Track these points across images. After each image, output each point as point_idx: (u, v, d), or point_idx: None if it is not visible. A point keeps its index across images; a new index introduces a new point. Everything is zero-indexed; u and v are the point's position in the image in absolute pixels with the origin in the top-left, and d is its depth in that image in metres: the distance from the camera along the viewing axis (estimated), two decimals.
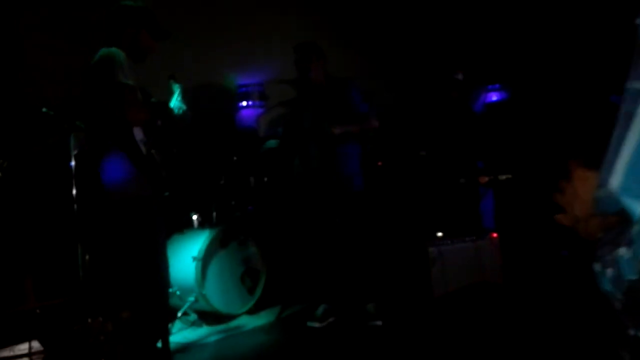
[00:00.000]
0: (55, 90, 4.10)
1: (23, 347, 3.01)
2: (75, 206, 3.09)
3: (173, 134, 3.32)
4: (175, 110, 3.08)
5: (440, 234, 4.23)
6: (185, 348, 3.50)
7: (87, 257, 2.93)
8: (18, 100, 3.95)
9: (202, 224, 4.34)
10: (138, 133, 2.83)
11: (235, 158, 4.61)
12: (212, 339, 3.69)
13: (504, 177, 4.84)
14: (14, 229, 3.57)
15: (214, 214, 4.38)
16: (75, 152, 3.24)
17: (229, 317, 4.02)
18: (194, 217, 4.38)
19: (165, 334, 2.99)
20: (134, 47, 2.96)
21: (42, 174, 3.78)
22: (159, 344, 2.92)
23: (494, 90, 5.90)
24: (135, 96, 2.80)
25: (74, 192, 3.14)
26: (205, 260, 3.96)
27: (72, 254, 2.88)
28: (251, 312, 4.14)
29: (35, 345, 3.00)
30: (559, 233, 4.45)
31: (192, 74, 5.18)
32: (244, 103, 5.55)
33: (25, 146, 3.80)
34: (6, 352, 2.99)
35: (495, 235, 4.30)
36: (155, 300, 2.94)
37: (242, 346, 3.52)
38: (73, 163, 3.27)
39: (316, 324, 3.61)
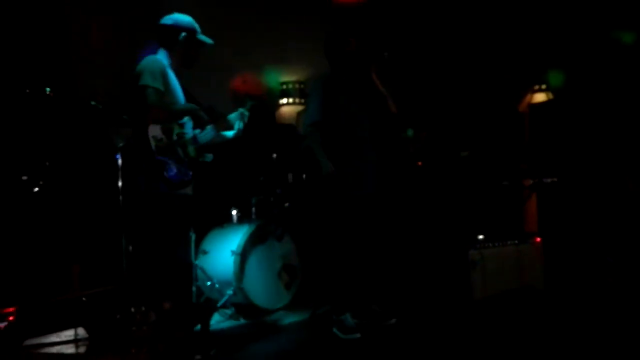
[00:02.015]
0: (103, 82, 4.21)
1: (69, 334, 3.10)
2: (121, 198, 3.18)
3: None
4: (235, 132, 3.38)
5: (481, 236, 4.16)
6: (222, 339, 3.53)
7: (130, 247, 3.01)
8: (67, 92, 4.06)
9: (242, 219, 4.38)
10: (155, 130, 2.95)
11: (274, 155, 4.64)
12: (249, 332, 3.71)
13: (549, 180, 4.72)
14: (62, 219, 3.68)
15: (253, 209, 4.42)
16: (121, 145, 3.33)
17: (266, 312, 4.05)
18: (234, 212, 4.43)
19: (204, 325, 3.04)
20: (185, 55, 3.23)
21: (89, 165, 3.88)
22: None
23: (540, 90, 5.77)
24: (157, 98, 3.00)
25: (120, 184, 3.24)
26: (244, 255, 3.99)
27: (117, 245, 2.96)
28: (287, 307, 4.16)
29: (81, 332, 3.08)
30: (605, 239, 4.33)
31: (235, 72, 5.25)
32: (284, 100, 5.58)
33: (75, 138, 3.91)
34: (53, 338, 3.08)
35: (538, 239, 4.21)
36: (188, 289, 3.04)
37: (276, 342, 3.54)
38: (119, 156, 3.36)
39: (342, 335, 3.50)
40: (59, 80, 3.90)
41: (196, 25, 3.27)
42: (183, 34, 3.18)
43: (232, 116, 3.40)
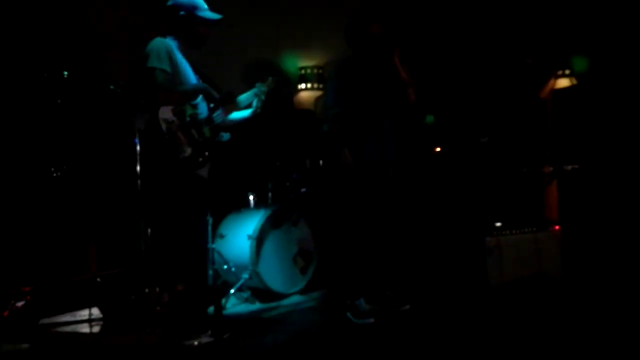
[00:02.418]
0: (121, 66, 4.24)
1: (83, 313, 3.16)
2: (139, 182, 3.20)
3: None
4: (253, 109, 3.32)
5: (499, 223, 4.11)
6: (237, 322, 3.57)
7: (149, 230, 3.04)
8: (85, 75, 4.11)
9: (258, 204, 4.41)
10: (166, 113, 2.92)
11: (292, 140, 4.64)
12: (264, 316, 3.74)
13: (570, 167, 4.63)
14: (80, 201, 3.74)
15: (270, 194, 4.43)
16: (140, 129, 3.35)
17: (281, 296, 4.07)
18: (251, 197, 4.45)
19: (217, 306, 3.07)
20: (189, 35, 3.14)
21: (108, 148, 3.93)
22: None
23: (564, 75, 5.63)
24: (164, 79, 2.97)
25: (138, 168, 3.26)
26: (259, 239, 4.02)
27: (134, 227, 2.99)
28: (302, 292, 4.18)
29: (95, 312, 3.14)
30: (627, 229, 4.24)
31: (253, 57, 5.25)
32: (303, 85, 5.56)
33: (94, 121, 3.96)
34: (67, 317, 3.15)
35: (557, 227, 4.14)
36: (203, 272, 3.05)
37: (291, 326, 3.56)
38: (137, 140, 3.38)
39: (355, 319, 3.50)
40: (77, 64, 3.94)
41: (198, 3, 3.16)
42: (181, 12, 3.12)
43: (248, 94, 3.34)
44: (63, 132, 3.75)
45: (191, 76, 3.18)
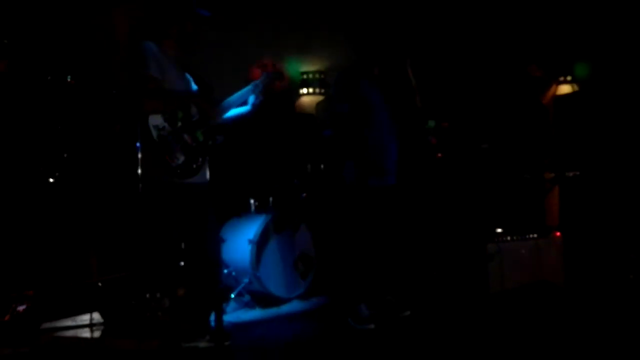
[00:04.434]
0: (125, 72, 4.25)
1: (85, 318, 3.15)
2: (140, 186, 3.19)
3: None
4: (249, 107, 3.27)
5: (500, 230, 4.11)
6: (237, 327, 3.56)
7: (149, 237, 3.02)
8: (88, 81, 4.11)
9: (259, 209, 4.41)
10: (156, 119, 2.86)
11: (293, 145, 4.64)
12: (264, 320, 3.74)
13: (571, 173, 4.63)
14: (82, 205, 3.74)
15: (271, 199, 4.43)
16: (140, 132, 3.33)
17: (281, 301, 4.07)
18: (251, 201, 4.45)
19: (218, 312, 3.05)
20: (178, 35, 3.05)
21: (109, 152, 3.93)
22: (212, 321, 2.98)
23: (566, 82, 5.64)
24: (153, 86, 2.88)
25: (139, 172, 3.24)
26: (260, 244, 4.02)
27: (135, 232, 2.99)
28: (302, 297, 4.17)
29: (96, 316, 3.14)
30: (628, 235, 4.23)
31: (255, 62, 5.25)
32: (304, 90, 5.57)
33: (96, 126, 3.96)
34: (69, 322, 3.15)
35: (558, 234, 4.14)
36: (209, 278, 3.00)
37: (291, 331, 3.56)
38: (139, 144, 3.37)
39: (355, 325, 3.49)
40: (81, 70, 3.96)
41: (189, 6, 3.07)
42: (169, 11, 3.04)
43: (241, 92, 3.27)
44: (66, 136, 3.75)
45: (178, 81, 3.08)
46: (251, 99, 3.27)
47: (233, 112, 3.30)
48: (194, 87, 3.20)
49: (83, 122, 3.86)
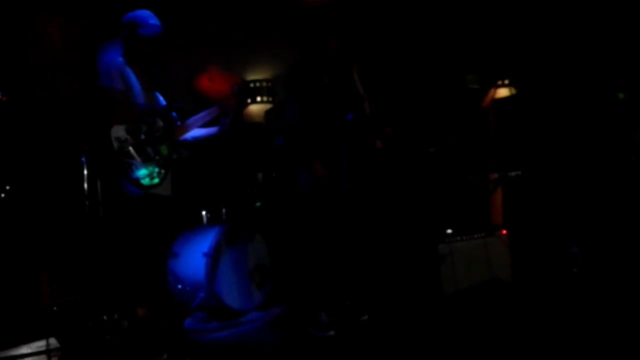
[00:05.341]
0: (65, 84, 4.11)
1: (40, 344, 3.03)
2: (87, 202, 3.12)
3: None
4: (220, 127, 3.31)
5: (450, 230, 4.23)
6: (196, 343, 3.51)
7: (100, 252, 2.96)
8: (26, 95, 3.96)
9: (212, 221, 4.36)
10: (119, 131, 2.86)
11: (244, 154, 4.62)
12: (222, 334, 3.70)
13: (513, 173, 4.83)
14: (29, 225, 3.59)
15: (224, 210, 4.39)
16: (85, 147, 3.27)
17: (240, 313, 4.03)
18: (203, 213, 4.39)
19: (177, 330, 3.01)
20: (133, 53, 3.06)
21: (56, 169, 3.80)
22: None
23: (504, 85, 5.88)
24: (115, 98, 2.89)
25: (85, 187, 3.17)
26: (215, 257, 3.97)
27: (88, 251, 2.90)
28: (260, 308, 4.16)
29: (53, 342, 3.01)
30: (569, 230, 4.47)
31: (201, 72, 5.19)
32: (253, 99, 5.55)
33: (41, 142, 3.82)
34: (24, 349, 3.01)
35: (504, 232, 4.30)
36: (165, 295, 2.97)
37: (251, 343, 3.54)
38: (84, 159, 3.29)
39: (315, 333, 3.51)
40: (19, 84, 3.80)
41: (140, 20, 3.05)
42: (124, 32, 3.05)
43: (209, 111, 3.26)
44: (8, 153, 3.59)
45: (140, 94, 3.07)
46: (223, 120, 3.26)
47: (199, 131, 3.30)
48: (163, 103, 3.20)
49: (27, 138, 3.72)
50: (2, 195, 3.33)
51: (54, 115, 3.92)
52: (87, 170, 3.32)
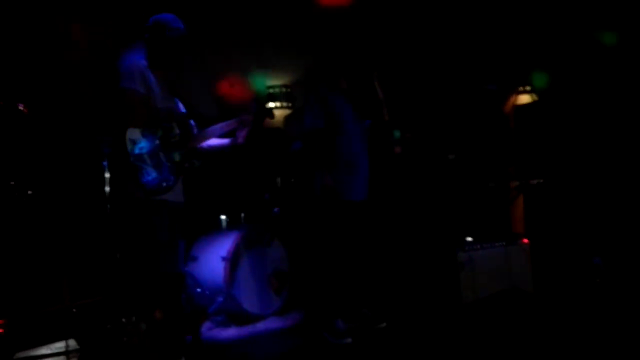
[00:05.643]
0: (92, 88, 4.17)
1: (59, 345, 3.06)
2: (108, 206, 3.13)
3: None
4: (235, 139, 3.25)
5: (469, 238, 4.19)
6: (213, 347, 3.52)
7: (118, 255, 2.97)
8: (55, 98, 4.02)
9: (231, 225, 4.37)
10: (134, 133, 2.85)
11: (262, 160, 4.64)
12: (240, 338, 3.71)
13: (535, 181, 4.77)
14: (51, 229, 3.64)
15: (242, 215, 4.41)
16: (108, 151, 3.29)
17: (257, 318, 4.04)
18: (222, 217, 4.42)
19: (194, 333, 3.02)
20: (156, 57, 3.04)
21: (77, 173, 3.84)
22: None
23: (525, 91, 5.80)
24: (135, 100, 2.87)
25: (107, 190, 3.19)
26: (233, 261, 3.98)
27: (106, 253, 2.92)
28: (278, 313, 4.16)
29: (72, 343, 3.04)
30: (592, 240, 4.39)
31: (221, 77, 5.24)
32: (271, 104, 5.57)
33: (61, 146, 3.87)
34: (43, 350, 3.05)
35: (525, 240, 4.25)
36: (181, 299, 2.97)
37: (268, 348, 3.53)
38: (106, 163, 3.32)
39: (332, 339, 3.49)
40: (48, 88, 3.86)
41: (167, 23, 3.05)
42: (147, 34, 3.05)
43: (228, 123, 3.22)
44: (30, 158, 3.65)
45: (160, 99, 3.05)
46: (240, 133, 3.24)
47: (214, 141, 3.30)
48: (182, 110, 3.21)
49: (49, 143, 3.77)
50: (25, 199, 3.37)
51: (76, 119, 3.96)
52: (109, 173, 3.34)
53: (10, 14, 3.85)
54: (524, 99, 5.85)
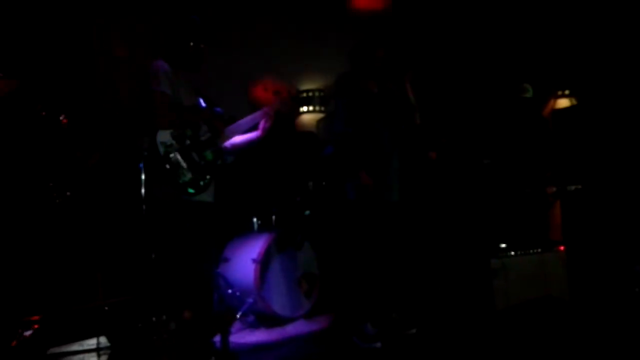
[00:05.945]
0: (127, 91, 4.27)
1: (91, 343, 3.13)
2: (144, 207, 3.19)
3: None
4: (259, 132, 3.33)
5: (503, 245, 4.10)
6: (243, 349, 3.54)
7: (153, 255, 3.02)
8: (91, 101, 4.13)
9: (262, 228, 4.40)
10: (164, 136, 2.89)
11: (295, 163, 4.66)
12: (269, 341, 3.72)
13: (573, 187, 4.64)
14: (88, 229, 3.73)
15: (274, 217, 4.43)
16: (145, 153, 3.35)
17: (286, 320, 4.05)
18: (254, 220, 4.45)
19: (224, 334, 3.04)
20: (180, 58, 3.10)
21: (114, 174, 3.93)
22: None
23: (564, 96, 5.67)
24: (164, 102, 2.92)
25: (142, 192, 3.25)
26: (264, 263, 4.01)
27: (141, 254, 2.98)
28: (307, 316, 4.15)
29: (103, 340, 3.11)
30: (632, 247, 4.23)
31: (255, 79, 5.28)
32: (305, 108, 5.59)
33: (99, 147, 3.97)
34: (75, 347, 3.13)
35: (562, 248, 4.13)
36: (211, 299, 3.00)
37: (296, 351, 3.53)
38: (142, 164, 3.38)
39: (361, 344, 3.47)
40: (83, 91, 3.97)
41: (187, 24, 3.12)
42: (169, 36, 3.11)
43: (254, 116, 3.29)
44: (70, 158, 3.76)
45: (186, 100, 3.12)
46: (263, 125, 3.28)
47: (242, 136, 3.33)
48: (204, 106, 3.25)
49: (87, 144, 3.87)
50: (62, 198, 3.47)
51: (114, 122, 4.06)
52: (145, 175, 3.40)
53: (51, 22, 3.98)
54: (563, 103, 5.72)
